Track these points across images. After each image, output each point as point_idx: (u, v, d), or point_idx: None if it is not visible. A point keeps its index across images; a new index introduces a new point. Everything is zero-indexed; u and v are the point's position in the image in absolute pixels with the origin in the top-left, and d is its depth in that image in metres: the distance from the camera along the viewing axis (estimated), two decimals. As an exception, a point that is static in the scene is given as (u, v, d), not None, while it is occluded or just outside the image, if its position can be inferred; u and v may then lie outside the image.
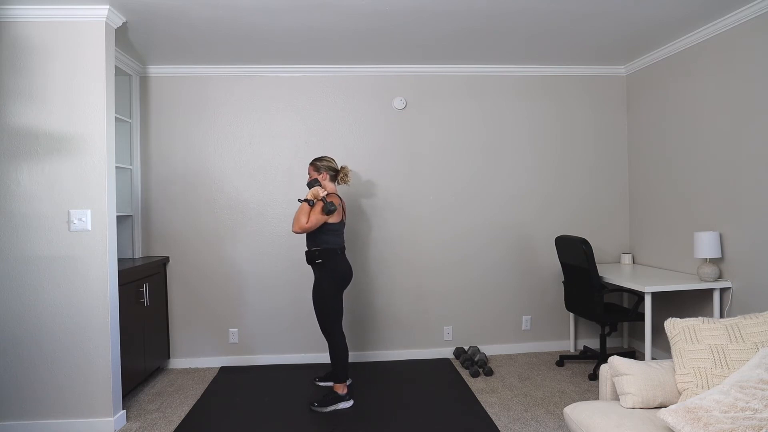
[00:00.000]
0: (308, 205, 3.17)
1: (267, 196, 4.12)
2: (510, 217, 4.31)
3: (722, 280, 3.33)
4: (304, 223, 3.13)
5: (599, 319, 3.58)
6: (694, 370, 2.03)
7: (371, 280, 4.19)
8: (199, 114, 4.08)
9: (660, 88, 3.95)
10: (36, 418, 2.92)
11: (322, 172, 3.33)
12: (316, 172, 3.34)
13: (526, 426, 2.93)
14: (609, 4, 2.99)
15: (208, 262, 4.09)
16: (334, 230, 3.26)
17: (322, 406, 3.18)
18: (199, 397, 3.44)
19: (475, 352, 4.07)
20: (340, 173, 3.40)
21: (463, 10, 3.02)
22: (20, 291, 2.90)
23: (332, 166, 3.37)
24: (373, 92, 4.19)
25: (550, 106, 4.33)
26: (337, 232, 3.29)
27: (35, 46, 2.90)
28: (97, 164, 2.93)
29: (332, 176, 3.37)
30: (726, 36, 3.27)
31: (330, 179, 3.35)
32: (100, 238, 2.93)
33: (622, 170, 4.41)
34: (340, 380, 3.25)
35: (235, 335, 4.12)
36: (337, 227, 3.28)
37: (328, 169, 3.34)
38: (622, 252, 4.40)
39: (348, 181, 3.44)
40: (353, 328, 4.19)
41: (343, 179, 3.41)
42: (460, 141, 4.25)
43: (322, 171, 3.33)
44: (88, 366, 2.94)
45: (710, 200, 3.45)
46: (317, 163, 3.35)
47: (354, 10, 2.99)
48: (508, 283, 4.32)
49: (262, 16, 3.06)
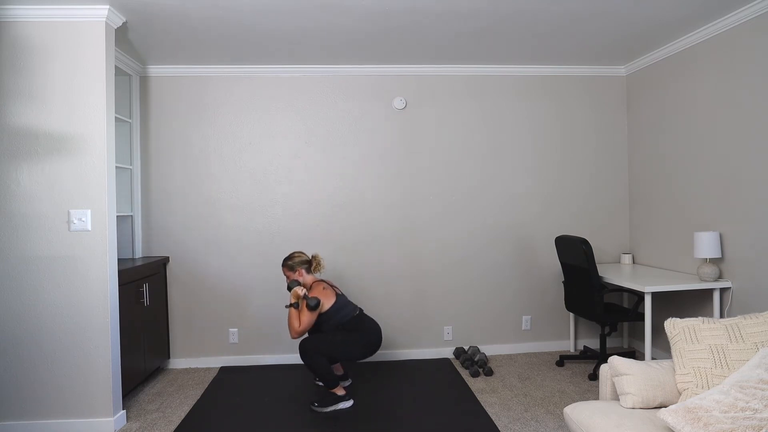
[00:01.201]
0: (294, 309, 3.23)
1: (267, 196, 4.12)
2: (510, 217, 4.31)
3: (722, 280, 3.33)
4: (297, 327, 3.19)
5: (599, 319, 3.58)
6: (694, 370, 2.03)
7: (371, 280, 4.19)
8: (199, 114, 4.08)
9: (660, 88, 3.95)
10: (36, 418, 2.92)
11: (297, 269, 3.37)
12: (291, 272, 3.37)
13: (526, 426, 2.93)
14: (609, 4, 2.99)
15: (208, 262, 4.09)
16: (337, 310, 3.28)
17: (322, 407, 3.18)
18: (199, 397, 3.44)
19: (475, 352, 4.07)
20: (312, 263, 3.43)
21: (463, 10, 3.02)
22: (20, 291, 2.90)
23: (303, 260, 3.41)
24: (373, 92, 4.19)
25: (550, 106, 4.33)
26: (341, 306, 3.30)
27: (35, 46, 2.90)
28: (97, 164, 2.93)
29: (307, 268, 3.40)
30: (726, 36, 3.27)
31: (306, 272, 3.39)
32: (100, 238, 2.93)
33: (622, 170, 4.41)
34: (332, 387, 3.22)
35: (235, 335, 4.12)
36: (338, 305, 3.29)
37: (301, 264, 3.39)
38: (622, 252, 4.40)
39: (321, 269, 3.45)
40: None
41: (316, 268, 3.43)
42: (460, 141, 4.25)
43: (296, 268, 3.37)
44: (88, 366, 2.94)
45: (710, 200, 3.45)
46: (289, 263, 3.39)
47: (354, 10, 2.99)
48: (508, 283, 4.32)
49: (262, 17, 3.06)
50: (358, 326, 3.29)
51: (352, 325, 3.29)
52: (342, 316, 3.29)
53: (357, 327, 3.29)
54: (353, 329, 3.28)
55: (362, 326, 3.30)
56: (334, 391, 3.22)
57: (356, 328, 3.28)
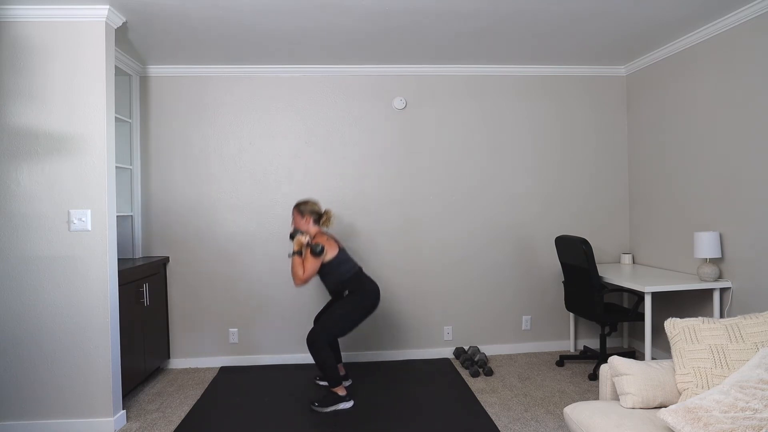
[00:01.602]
0: (298, 256, 3.22)
1: (267, 196, 4.12)
2: (510, 217, 4.31)
3: (722, 280, 3.33)
4: (301, 275, 3.19)
5: (599, 319, 3.58)
6: (694, 370, 2.03)
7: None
8: (199, 114, 4.08)
9: (660, 88, 3.95)
10: (36, 418, 2.92)
11: (306, 216, 3.36)
12: (299, 216, 3.36)
13: (526, 426, 2.93)
14: (609, 4, 2.99)
15: (208, 262, 4.09)
16: (339, 262, 3.29)
17: (323, 407, 3.18)
18: (199, 397, 3.44)
19: (475, 352, 4.07)
20: (323, 217, 3.42)
21: (463, 10, 3.02)
22: (20, 291, 2.90)
23: (315, 210, 3.39)
24: (373, 92, 4.19)
25: (550, 106, 4.33)
26: (341, 262, 3.31)
27: (35, 46, 2.90)
28: (97, 164, 2.93)
29: (316, 219, 3.39)
30: (726, 36, 3.27)
31: (314, 222, 3.38)
32: (100, 238, 2.93)
33: (622, 170, 4.41)
34: (335, 385, 3.23)
35: (235, 335, 4.12)
36: (340, 258, 3.30)
37: (312, 212, 3.37)
38: (622, 252, 4.40)
39: (329, 225, 3.44)
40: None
41: (326, 223, 3.42)
42: (460, 141, 4.25)
43: (305, 215, 3.36)
44: (88, 366, 2.94)
45: (710, 200, 3.46)
46: (301, 207, 3.37)
47: (354, 10, 2.99)
48: (508, 283, 4.32)
49: (262, 17, 3.06)
50: (358, 286, 3.30)
51: (353, 284, 3.30)
52: (344, 271, 3.30)
53: (357, 286, 3.30)
54: (353, 289, 3.29)
55: (362, 286, 3.31)
56: (336, 391, 3.22)
57: (356, 287, 3.30)
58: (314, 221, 3.38)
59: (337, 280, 3.31)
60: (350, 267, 3.34)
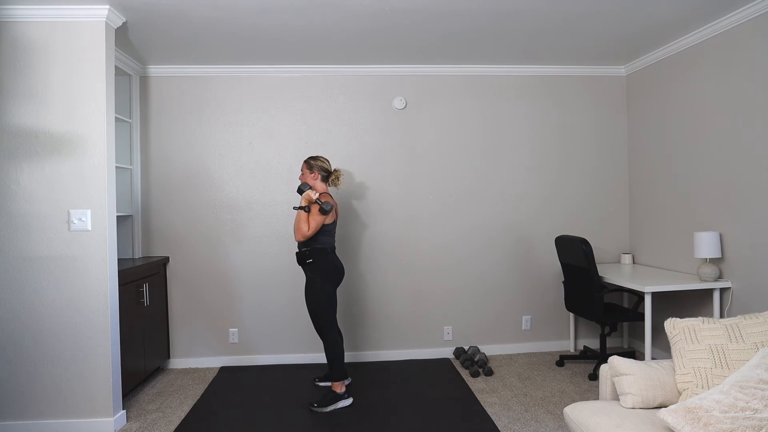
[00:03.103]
0: (304, 211, 3.18)
1: (267, 196, 4.12)
2: (510, 217, 4.31)
3: (722, 280, 3.33)
4: (305, 230, 3.16)
5: (599, 319, 3.58)
6: (694, 370, 2.03)
7: (371, 280, 4.19)
8: (199, 114, 4.08)
9: (660, 88, 3.95)
10: (36, 418, 2.92)
11: (314, 172, 3.34)
12: (308, 170, 3.34)
13: (526, 426, 2.93)
14: (609, 4, 2.99)
15: (208, 262, 4.09)
16: (327, 231, 3.28)
17: (322, 407, 3.18)
18: (199, 397, 3.44)
19: (475, 352, 4.07)
20: (332, 175, 3.40)
21: (463, 9, 3.02)
22: (20, 291, 2.90)
23: (325, 167, 3.37)
24: (373, 92, 4.19)
25: (550, 106, 4.33)
26: (330, 232, 3.30)
27: (35, 46, 2.90)
28: (97, 164, 2.93)
29: (324, 177, 3.37)
30: (726, 36, 3.27)
31: (321, 179, 3.36)
32: (100, 238, 2.93)
33: (622, 170, 4.41)
34: (338, 379, 3.26)
35: (235, 335, 4.12)
36: (331, 227, 3.30)
37: (321, 169, 3.35)
38: (622, 252, 4.40)
39: (339, 184, 3.44)
40: (353, 329, 4.19)
41: (335, 182, 3.41)
42: (460, 141, 4.25)
43: (314, 170, 3.34)
44: (88, 366, 2.94)
45: (710, 200, 3.45)
46: (311, 162, 3.35)
47: (354, 10, 2.99)
48: (508, 283, 4.31)
49: (262, 16, 3.06)
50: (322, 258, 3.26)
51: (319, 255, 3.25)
52: (332, 240, 3.32)
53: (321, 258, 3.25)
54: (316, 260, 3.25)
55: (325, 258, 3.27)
56: (336, 387, 3.23)
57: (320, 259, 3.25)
58: (322, 179, 3.36)
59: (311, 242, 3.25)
60: (328, 240, 3.30)
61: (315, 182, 3.34)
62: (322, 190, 3.36)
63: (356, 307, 4.19)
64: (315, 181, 3.34)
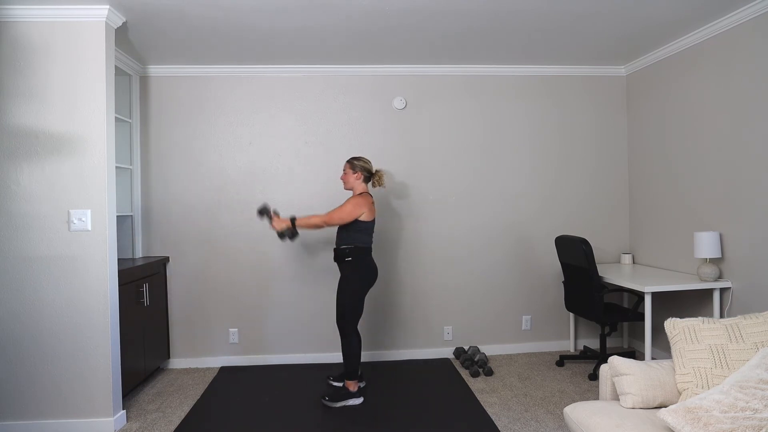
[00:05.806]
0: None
1: (267, 196, 4.12)
2: (510, 217, 4.30)
3: (722, 280, 3.33)
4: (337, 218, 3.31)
5: (599, 319, 3.58)
6: (694, 370, 2.03)
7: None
8: (199, 114, 4.08)
9: (660, 88, 3.95)
10: (36, 418, 2.92)
11: (357, 172, 3.39)
12: (351, 170, 3.39)
13: (526, 426, 2.93)
14: (609, 4, 2.99)
15: (208, 262, 4.09)
16: (366, 229, 3.32)
17: (333, 401, 3.22)
18: (199, 397, 3.44)
19: (475, 352, 4.07)
20: (374, 176, 3.45)
21: (463, 9, 3.02)
22: (20, 291, 2.90)
23: (368, 168, 3.41)
24: (373, 92, 4.19)
25: (550, 106, 4.33)
26: (369, 231, 3.35)
27: (35, 46, 2.90)
28: (97, 164, 2.93)
29: (366, 177, 3.41)
30: (726, 36, 3.27)
31: (364, 180, 3.41)
32: (100, 238, 2.93)
33: (622, 170, 4.41)
34: (352, 377, 3.30)
35: (235, 335, 4.12)
36: (369, 226, 3.34)
37: (364, 170, 3.40)
38: (622, 252, 4.39)
39: (382, 184, 3.49)
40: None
41: (378, 182, 3.47)
42: (460, 141, 4.25)
43: (357, 170, 3.39)
44: (88, 366, 2.94)
45: (710, 200, 3.45)
46: (355, 162, 3.40)
47: (354, 10, 2.99)
48: (508, 283, 4.31)
49: (262, 17, 3.06)
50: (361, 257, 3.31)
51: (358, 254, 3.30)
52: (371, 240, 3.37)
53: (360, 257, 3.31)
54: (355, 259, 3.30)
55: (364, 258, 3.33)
56: (349, 385, 3.28)
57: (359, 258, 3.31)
58: (364, 179, 3.41)
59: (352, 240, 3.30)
60: (368, 240, 3.36)
61: (357, 182, 3.39)
62: (363, 190, 3.41)
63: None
64: (357, 181, 3.39)
